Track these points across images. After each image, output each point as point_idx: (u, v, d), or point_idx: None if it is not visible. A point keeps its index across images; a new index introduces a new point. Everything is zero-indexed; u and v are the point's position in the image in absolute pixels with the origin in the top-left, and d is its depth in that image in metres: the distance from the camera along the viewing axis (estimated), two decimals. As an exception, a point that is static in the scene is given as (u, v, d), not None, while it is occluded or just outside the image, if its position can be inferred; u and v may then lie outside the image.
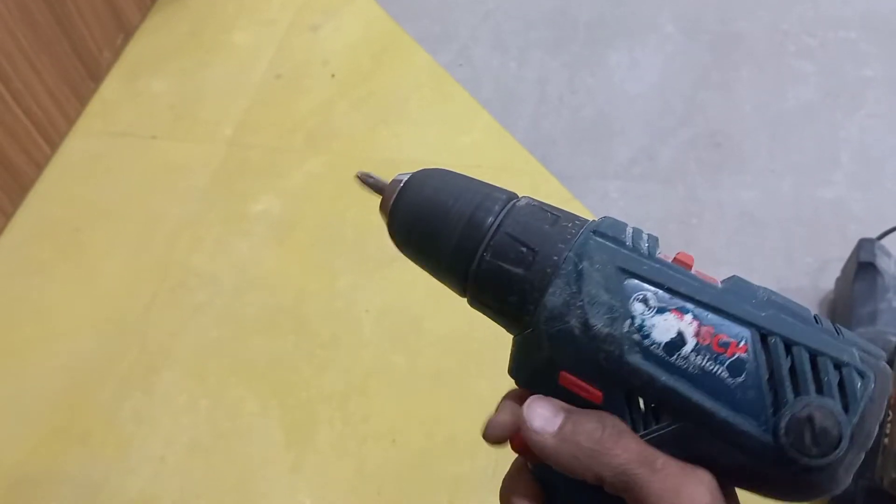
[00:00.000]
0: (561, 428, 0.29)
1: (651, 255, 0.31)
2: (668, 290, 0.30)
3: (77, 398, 0.91)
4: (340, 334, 0.94)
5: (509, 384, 0.95)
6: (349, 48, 1.25)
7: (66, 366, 0.94)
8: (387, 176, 0.36)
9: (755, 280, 0.32)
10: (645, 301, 0.30)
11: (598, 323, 0.30)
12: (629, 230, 0.32)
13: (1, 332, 0.98)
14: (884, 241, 0.85)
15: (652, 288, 0.30)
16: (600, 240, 0.31)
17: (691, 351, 0.29)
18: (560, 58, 1.20)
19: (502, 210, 0.33)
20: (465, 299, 0.34)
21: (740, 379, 0.28)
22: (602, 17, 1.23)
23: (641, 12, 1.23)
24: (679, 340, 0.29)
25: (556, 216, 0.33)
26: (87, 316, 0.98)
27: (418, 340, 0.92)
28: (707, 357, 0.29)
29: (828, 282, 0.91)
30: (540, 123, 1.13)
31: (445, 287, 0.35)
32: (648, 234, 0.32)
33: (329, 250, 1.01)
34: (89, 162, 1.15)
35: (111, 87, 1.24)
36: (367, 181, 0.36)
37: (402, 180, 0.35)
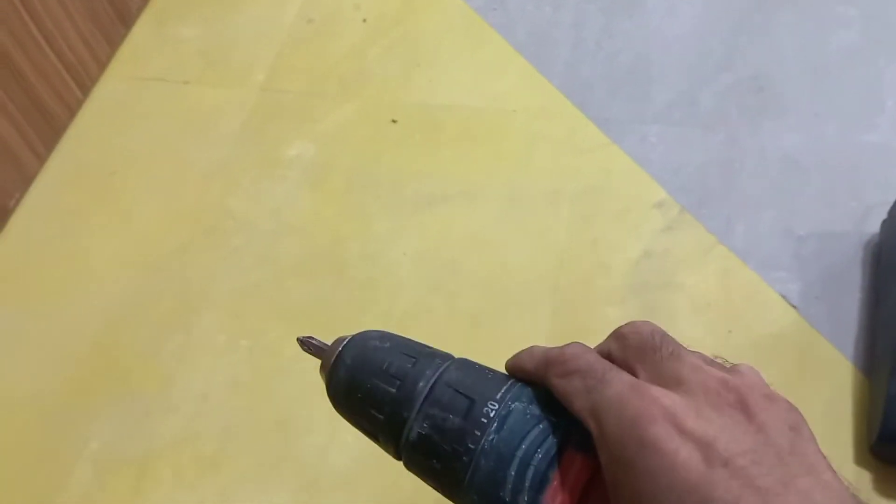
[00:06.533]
0: None
1: None
2: None
3: (116, 338, 0.92)
4: (378, 277, 0.93)
5: (544, 325, 0.95)
6: (380, -8, 1.23)
7: (104, 307, 0.94)
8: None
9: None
10: None
11: None
12: (511, 475, 0.30)
13: (38, 275, 0.98)
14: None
15: None
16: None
17: None
18: (596, 1, 1.18)
19: (423, 395, 0.32)
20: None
21: None
22: (639, -40, 1.21)
23: (680, -45, 1.20)
24: None
25: (464, 413, 0.31)
26: (124, 258, 0.98)
27: (456, 283, 0.92)
28: None
29: (872, 226, 0.90)
30: (576, 68, 1.11)
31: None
32: (536, 466, 0.30)
33: (364, 194, 1.01)
34: (122, 106, 1.14)
35: (141, 32, 1.23)
36: (308, 345, 0.36)
37: (341, 342, 0.35)
